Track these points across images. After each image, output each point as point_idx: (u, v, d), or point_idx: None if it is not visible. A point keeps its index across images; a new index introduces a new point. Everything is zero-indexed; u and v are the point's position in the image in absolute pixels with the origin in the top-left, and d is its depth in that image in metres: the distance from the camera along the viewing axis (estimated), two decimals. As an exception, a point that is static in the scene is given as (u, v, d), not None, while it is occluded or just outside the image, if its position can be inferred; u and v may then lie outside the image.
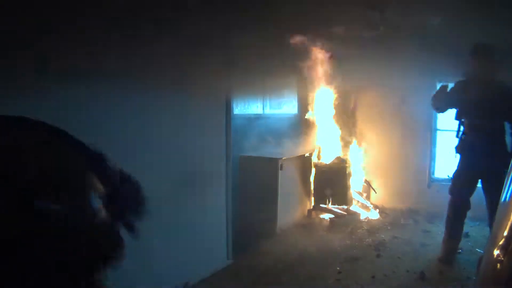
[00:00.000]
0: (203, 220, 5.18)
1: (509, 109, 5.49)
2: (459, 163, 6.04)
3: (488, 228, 7.12)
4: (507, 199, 2.02)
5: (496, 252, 1.88)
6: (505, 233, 1.79)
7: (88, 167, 1.01)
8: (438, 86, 8.25)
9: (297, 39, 6.93)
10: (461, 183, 5.92)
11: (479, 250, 6.04)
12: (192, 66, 4.63)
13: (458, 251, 6.13)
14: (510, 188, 2.03)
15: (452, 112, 5.93)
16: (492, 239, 2.06)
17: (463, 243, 6.45)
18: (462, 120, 5.81)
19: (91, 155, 1.05)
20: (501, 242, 1.82)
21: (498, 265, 1.82)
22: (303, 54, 7.40)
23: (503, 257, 1.79)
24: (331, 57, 7.49)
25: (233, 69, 5.42)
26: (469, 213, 7.47)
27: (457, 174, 6.05)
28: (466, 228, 7.02)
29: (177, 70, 4.46)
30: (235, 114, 6.79)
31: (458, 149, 5.98)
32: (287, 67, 7.46)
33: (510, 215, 1.86)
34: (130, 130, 4.08)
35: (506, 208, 1.97)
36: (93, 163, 1.04)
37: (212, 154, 5.35)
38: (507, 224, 1.83)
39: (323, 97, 8.05)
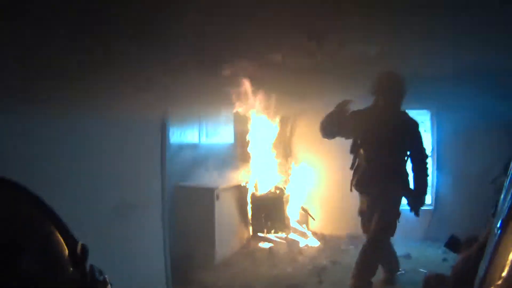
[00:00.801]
0: (140, 253, 4.94)
1: (410, 144, 5.47)
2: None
3: (429, 248, 7.25)
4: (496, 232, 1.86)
5: None
6: (504, 274, 1.65)
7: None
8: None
9: (230, 68, 6.87)
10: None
11: (422, 270, 6.07)
12: (125, 93, 4.48)
13: (401, 271, 6.14)
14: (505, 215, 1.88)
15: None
16: (484, 278, 1.90)
17: (406, 264, 6.48)
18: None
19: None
20: (499, 282, 1.68)
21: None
22: (237, 82, 7.35)
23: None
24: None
25: (168, 97, 5.30)
26: (410, 233, 7.58)
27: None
28: (407, 249, 7.09)
29: (109, 96, 4.28)
30: (171, 143, 6.65)
31: (354, 184, 5.74)
32: (223, 96, 7.40)
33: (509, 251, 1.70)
34: (59, 161, 3.82)
35: (501, 241, 1.81)
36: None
37: (147, 184, 5.15)
38: (505, 262, 1.67)
39: (258, 126, 8.02)
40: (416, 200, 5.65)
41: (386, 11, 4.37)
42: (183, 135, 7.27)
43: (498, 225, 1.81)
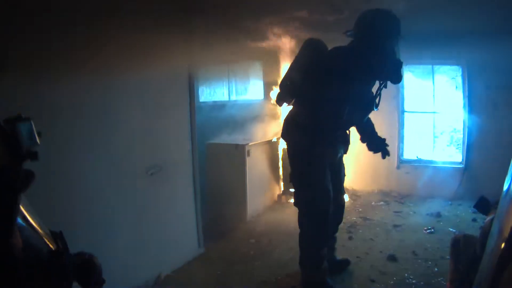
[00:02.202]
0: (172, 210, 5.05)
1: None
2: None
3: (459, 207, 7.19)
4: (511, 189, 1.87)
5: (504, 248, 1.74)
6: None
7: None
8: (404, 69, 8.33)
9: (260, 22, 6.82)
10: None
11: (451, 230, 6.06)
12: (151, 52, 4.48)
13: (431, 230, 6.13)
14: None
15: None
16: (497, 233, 1.90)
17: (436, 223, 6.46)
18: None
19: None
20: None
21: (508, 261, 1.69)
22: (266, 38, 7.30)
23: None
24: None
25: (195, 53, 5.28)
26: (440, 192, 7.49)
27: None
28: (437, 208, 7.06)
29: (135, 57, 4.29)
30: (201, 102, 6.67)
31: None
32: (252, 52, 7.36)
33: None
34: (89, 124, 3.89)
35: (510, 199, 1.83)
36: None
37: (178, 142, 5.20)
38: None
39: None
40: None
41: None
42: (212, 93, 7.27)
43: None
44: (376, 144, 4.71)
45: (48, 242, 1.44)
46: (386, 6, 4.62)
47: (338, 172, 4.68)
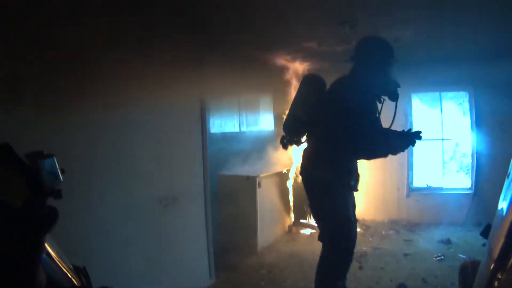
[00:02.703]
0: (184, 241, 5.12)
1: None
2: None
3: (469, 233, 7.20)
4: (504, 209, 1.97)
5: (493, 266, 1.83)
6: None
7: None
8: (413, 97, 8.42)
9: (270, 56, 6.98)
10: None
11: (461, 256, 6.07)
12: (166, 86, 4.63)
13: (441, 257, 6.15)
14: (508, 198, 1.98)
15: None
16: (489, 252, 2.00)
17: (445, 250, 6.48)
18: None
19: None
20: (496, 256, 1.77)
21: (496, 282, 1.78)
22: (277, 70, 7.45)
23: (501, 275, 1.75)
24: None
25: (207, 86, 5.42)
26: (450, 218, 7.51)
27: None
28: (447, 234, 7.08)
29: (150, 91, 4.45)
30: (212, 133, 6.78)
31: None
32: (262, 84, 7.51)
33: (505, 227, 1.81)
34: (104, 153, 4.00)
35: (502, 219, 1.92)
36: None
37: (190, 174, 5.29)
38: (502, 236, 1.78)
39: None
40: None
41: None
42: (223, 124, 7.39)
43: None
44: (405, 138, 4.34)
45: (71, 278, 1.45)
46: (394, 35, 4.75)
47: (354, 201, 4.72)
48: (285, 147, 4.63)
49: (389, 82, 4.22)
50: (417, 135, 4.19)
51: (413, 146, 4.29)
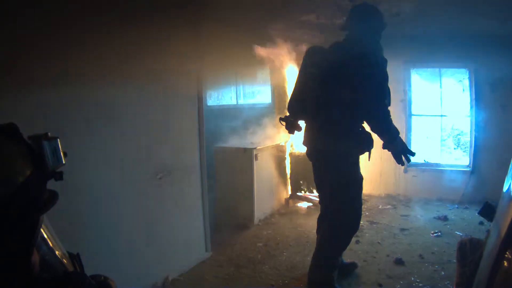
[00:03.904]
0: (179, 214, 5.09)
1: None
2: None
3: (466, 211, 7.20)
4: (511, 190, 1.91)
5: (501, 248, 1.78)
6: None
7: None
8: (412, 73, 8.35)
9: (268, 27, 6.87)
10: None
11: (458, 233, 6.06)
12: (162, 59, 4.53)
13: (438, 233, 6.14)
14: None
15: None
16: (495, 232, 1.95)
17: (443, 227, 6.48)
18: None
19: None
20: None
21: (505, 262, 1.73)
22: (274, 42, 7.34)
23: (510, 254, 1.70)
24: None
25: (203, 58, 5.33)
26: (447, 196, 7.51)
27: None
28: (444, 211, 7.09)
29: (146, 64, 4.35)
30: (209, 106, 6.71)
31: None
32: (260, 57, 7.41)
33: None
34: (98, 128, 3.92)
35: (510, 199, 1.87)
36: None
37: (186, 147, 5.23)
38: (510, 216, 1.73)
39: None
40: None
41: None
42: (220, 97, 7.31)
43: None
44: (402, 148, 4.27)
45: (65, 263, 1.44)
46: (394, 8, 4.67)
47: None
48: (291, 131, 4.53)
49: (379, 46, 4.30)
50: (408, 152, 4.23)
51: (399, 159, 4.26)
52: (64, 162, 1.22)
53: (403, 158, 4.23)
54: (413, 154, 4.25)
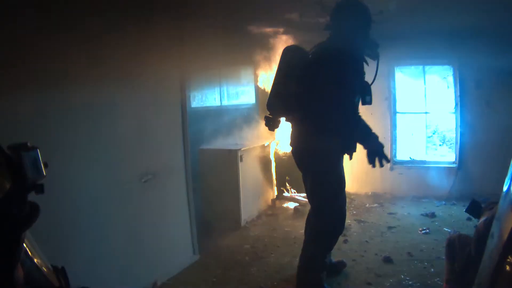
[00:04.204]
0: (166, 217, 5.03)
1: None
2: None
3: (453, 207, 7.21)
4: (511, 189, 1.87)
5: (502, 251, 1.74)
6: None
7: None
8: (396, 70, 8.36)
9: (251, 28, 6.82)
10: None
11: (447, 229, 6.05)
12: (144, 61, 4.47)
13: (426, 230, 6.13)
14: None
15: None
16: (497, 234, 1.90)
17: (430, 223, 6.47)
18: None
19: None
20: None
21: (507, 266, 1.69)
22: (258, 43, 7.30)
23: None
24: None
25: (186, 60, 5.27)
26: (434, 192, 7.52)
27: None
28: (432, 208, 7.10)
29: (127, 65, 4.27)
30: (193, 107, 6.64)
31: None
32: (243, 57, 7.36)
33: None
34: (81, 130, 3.85)
35: (511, 202, 1.83)
36: None
37: (170, 149, 5.17)
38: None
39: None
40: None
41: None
42: (203, 98, 7.25)
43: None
44: (374, 145, 4.22)
45: (49, 278, 1.39)
46: (378, 6, 4.64)
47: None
48: (271, 128, 4.51)
49: (369, 42, 4.21)
50: (383, 155, 4.15)
51: (372, 158, 4.16)
52: (44, 174, 1.15)
53: (376, 160, 4.13)
54: (387, 159, 4.19)
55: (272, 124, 4.46)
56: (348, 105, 4.10)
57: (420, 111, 8.47)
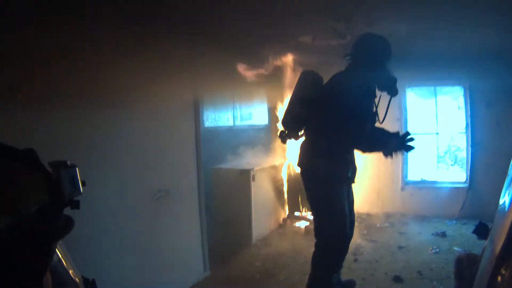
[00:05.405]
0: (178, 234, 5.09)
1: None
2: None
3: (464, 226, 7.21)
4: (506, 205, 1.94)
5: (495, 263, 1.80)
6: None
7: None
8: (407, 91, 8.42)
9: (264, 50, 6.93)
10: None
11: (457, 249, 6.06)
12: (160, 80, 4.58)
13: (436, 249, 6.15)
14: (510, 194, 1.96)
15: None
16: (490, 248, 1.97)
17: (441, 243, 6.48)
18: None
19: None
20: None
21: (499, 278, 1.76)
22: (270, 64, 7.39)
23: (504, 270, 1.72)
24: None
25: (200, 81, 5.38)
26: (445, 212, 7.52)
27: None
28: (442, 227, 7.09)
29: (144, 85, 4.39)
30: (206, 127, 6.75)
31: None
32: (257, 78, 7.46)
33: (507, 223, 1.79)
34: (96, 148, 3.94)
35: (504, 216, 1.90)
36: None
37: (184, 167, 5.26)
38: (504, 233, 1.76)
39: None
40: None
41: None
42: (217, 118, 7.36)
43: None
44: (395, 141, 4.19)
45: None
46: (388, 30, 4.74)
47: (351, 193, 4.72)
48: (283, 141, 4.75)
49: (388, 78, 4.27)
50: (406, 137, 4.11)
51: (407, 150, 4.15)
52: (81, 191, 1.23)
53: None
54: (410, 147, 4.12)
55: (284, 137, 4.70)
56: (353, 136, 4.18)
57: (432, 131, 8.51)
